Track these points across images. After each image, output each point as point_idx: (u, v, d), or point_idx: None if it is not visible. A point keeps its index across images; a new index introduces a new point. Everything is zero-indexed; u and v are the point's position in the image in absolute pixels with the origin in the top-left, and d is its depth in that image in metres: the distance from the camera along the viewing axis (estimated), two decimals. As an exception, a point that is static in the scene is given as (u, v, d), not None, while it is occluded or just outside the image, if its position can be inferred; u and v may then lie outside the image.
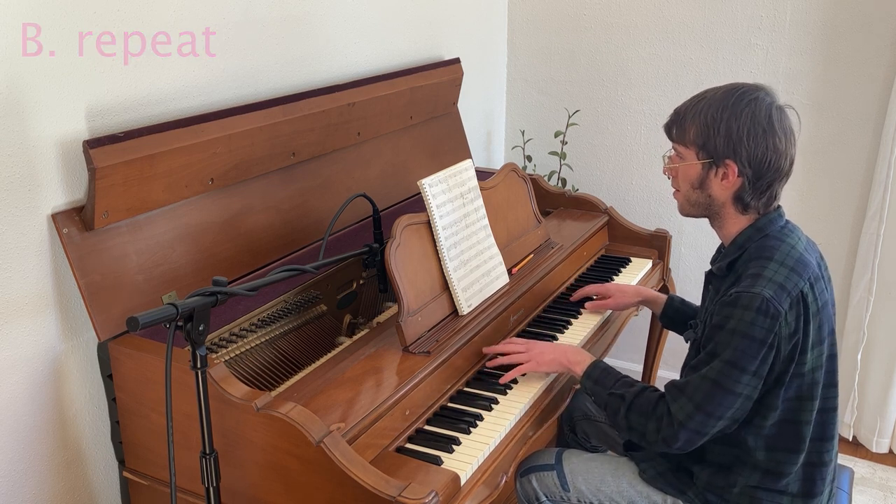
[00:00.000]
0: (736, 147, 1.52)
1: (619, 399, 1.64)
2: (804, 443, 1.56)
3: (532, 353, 1.79)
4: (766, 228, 1.58)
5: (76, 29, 1.55)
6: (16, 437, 1.60)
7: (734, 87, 1.56)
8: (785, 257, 1.52)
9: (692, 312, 2.01)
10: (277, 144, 1.92)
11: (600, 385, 1.69)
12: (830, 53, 2.64)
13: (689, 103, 1.60)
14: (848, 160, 2.69)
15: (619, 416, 1.63)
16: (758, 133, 1.51)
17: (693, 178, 1.60)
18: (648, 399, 1.61)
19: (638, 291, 2.12)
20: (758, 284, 1.48)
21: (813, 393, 1.55)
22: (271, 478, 1.45)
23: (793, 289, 1.48)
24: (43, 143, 1.54)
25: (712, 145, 1.54)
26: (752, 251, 1.56)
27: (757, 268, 1.51)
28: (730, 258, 1.60)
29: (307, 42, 2.12)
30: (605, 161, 3.13)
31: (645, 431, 1.59)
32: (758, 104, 1.52)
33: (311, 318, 1.89)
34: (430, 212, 1.79)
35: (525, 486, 1.79)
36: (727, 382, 1.48)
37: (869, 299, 2.69)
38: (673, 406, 1.55)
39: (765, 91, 1.55)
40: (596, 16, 2.99)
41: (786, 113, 1.55)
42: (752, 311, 1.46)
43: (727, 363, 1.48)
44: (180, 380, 1.47)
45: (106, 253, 1.60)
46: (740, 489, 1.60)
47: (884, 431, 2.84)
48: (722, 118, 1.53)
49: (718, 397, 1.49)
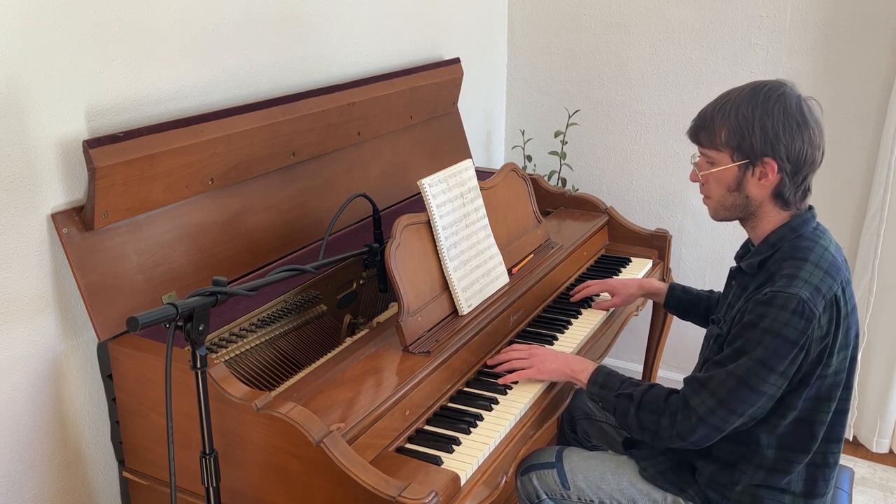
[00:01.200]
0: (774, 144, 1.50)
1: (627, 399, 1.63)
2: (816, 443, 1.56)
3: (534, 360, 1.77)
4: (799, 229, 1.56)
5: (76, 29, 1.55)
6: (16, 437, 1.60)
7: (758, 85, 1.54)
8: (819, 259, 1.50)
9: (694, 299, 2.02)
10: (277, 144, 1.92)
11: (606, 388, 1.68)
12: (830, 53, 2.64)
13: (713, 106, 1.56)
14: (848, 160, 2.69)
15: (629, 417, 1.62)
16: (793, 127, 1.49)
17: (729, 181, 1.57)
18: (658, 395, 1.60)
19: (640, 284, 2.15)
20: (794, 285, 1.46)
21: (832, 394, 1.54)
22: (271, 478, 1.45)
23: (827, 291, 1.47)
24: (43, 143, 1.53)
25: (748, 145, 1.52)
26: (786, 250, 1.54)
27: (792, 268, 1.49)
28: (761, 256, 1.58)
29: (307, 42, 2.12)
30: (605, 161, 3.12)
31: (658, 428, 1.57)
32: (787, 99, 1.50)
33: (311, 318, 1.89)
34: (430, 212, 1.79)
35: (525, 484, 1.79)
36: (754, 381, 1.47)
37: (869, 299, 2.69)
38: (693, 399, 1.53)
39: (788, 85, 1.53)
40: (596, 16, 2.99)
41: (812, 104, 1.54)
42: (787, 312, 1.44)
43: (757, 361, 1.46)
44: (180, 380, 1.47)
45: (106, 253, 1.60)
46: (743, 487, 1.59)
47: (884, 431, 2.84)
48: (755, 116, 1.50)
49: (744, 394, 1.48)
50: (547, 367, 1.76)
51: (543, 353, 1.80)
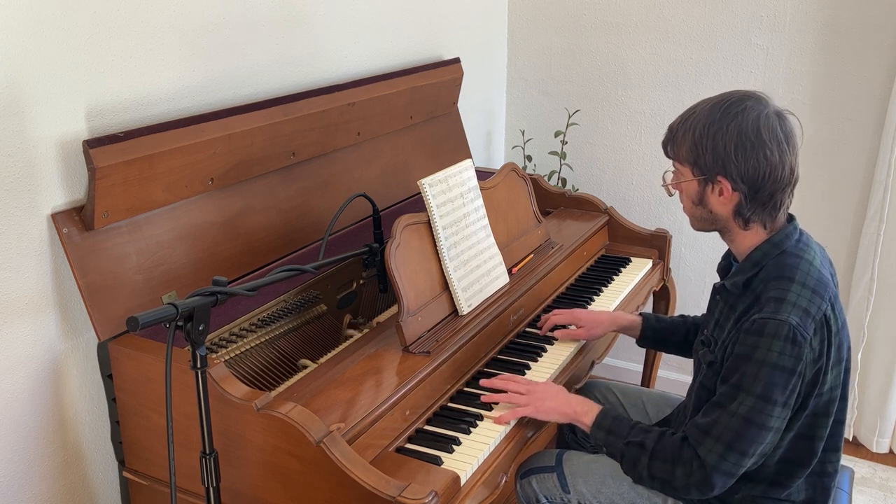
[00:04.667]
0: (725, 163, 1.46)
1: (638, 448, 1.55)
2: (815, 457, 1.54)
3: (532, 398, 1.67)
4: (782, 244, 1.51)
5: (76, 29, 1.55)
6: (16, 438, 1.60)
7: (723, 99, 1.50)
8: (806, 277, 1.46)
9: (671, 328, 1.94)
10: (277, 144, 1.92)
11: (614, 435, 1.60)
12: (830, 53, 2.64)
13: (680, 119, 1.55)
14: (848, 160, 2.69)
15: (639, 466, 1.55)
16: (746, 147, 1.45)
17: (693, 194, 1.56)
18: (672, 444, 1.52)
19: (613, 319, 1.98)
20: (782, 310, 1.42)
21: (829, 409, 1.52)
22: (271, 478, 1.45)
23: (816, 313, 1.43)
24: (43, 143, 1.53)
25: (703, 162, 1.49)
26: (770, 269, 1.50)
27: (778, 291, 1.45)
28: (746, 275, 1.53)
29: (307, 42, 2.12)
30: (605, 161, 3.13)
31: (672, 479, 1.50)
32: (745, 116, 1.45)
33: (311, 318, 1.89)
34: (430, 212, 1.79)
35: (525, 488, 1.78)
36: (759, 417, 1.42)
37: (869, 299, 2.69)
38: (701, 450, 1.47)
39: (755, 99, 1.48)
40: (596, 16, 2.99)
41: (783, 119, 1.47)
42: (779, 341, 1.40)
43: (758, 398, 1.42)
44: (180, 380, 1.47)
45: (106, 253, 1.60)
46: (742, 496, 1.59)
47: (884, 431, 2.84)
48: (708, 134, 1.47)
49: (752, 434, 1.43)
50: (545, 405, 1.67)
51: (543, 389, 1.69)
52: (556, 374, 1.85)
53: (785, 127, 1.47)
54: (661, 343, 1.97)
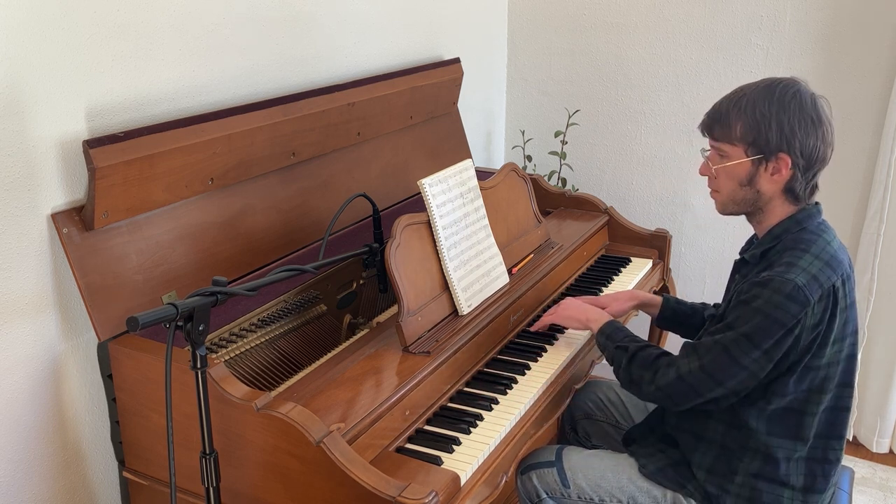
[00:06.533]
0: (790, 139, 1.52)
1: (623, 351, 1.70)
2: (806, 432, 1.57)
3: (558, 309, 1.93)
4: (804, 222, 1.58)
5: (76, 29, 1.55)
6: (16, 438, 1.60)
7: (774, 81, 1.56)
8: (821, 251, 1.53)
9: (689, 311, 1.99)
10: (277, 144, 1.92)
11: (610, 339, 1.76)
12: (830, 53, 2.64)
13: (729, 101, 1.58)
14: (848, 160, 2.69)
15: (621, 368, 1.69)
16: (808, 124, 1.52)
17: (741, 175, 1.58)
18: (650, 353, 1.66)
19: (633, 295, 2.03)
20: (791, 272, 1.49)
21: (824, 387, 1.55)
22: (271, 478, 1.45)
23: (825, 281, 1.49)
24: (43, 143, 1.53)
25: (763, 140, 1.54)
26: (788, 242, 1.57)
27: (791, 257, 1.52)
28: (764, 247, 1.60)
29: (307, 42, 2.12)
30: (605, 161, 3.12)
31: (641, 382, 1.65)
32: (802, 96, 1.53)
33: (311, 318, 1.89)
34: (430, 212, 1.79)
35: (526, 483, 1.79)
36: (736, 352, 1.51)
37: (869, 299, 2.69)
38: (681, 360, 1.59)
39: (801, 83, 1.56)
40: (596, 16, 2.99)
41: (824, 103, 1.56)
42: (781, 295, 1.47)
43: (742, 335, 1.50)
44: (180, 380, 1.47)
45: (106, 253, 1.60)
46: (742, 478, 1.60)
47: (884, 431, 2.84)
48: (772, 112, 1.52)
49: (724, 363, 1.52)
50: (566, 313, 1.90)
51: (569, 303, 1.92)
52: (557, 375, 1.85)
53: (830, 111, 1.57)
54: (677, 324, 2.02)
